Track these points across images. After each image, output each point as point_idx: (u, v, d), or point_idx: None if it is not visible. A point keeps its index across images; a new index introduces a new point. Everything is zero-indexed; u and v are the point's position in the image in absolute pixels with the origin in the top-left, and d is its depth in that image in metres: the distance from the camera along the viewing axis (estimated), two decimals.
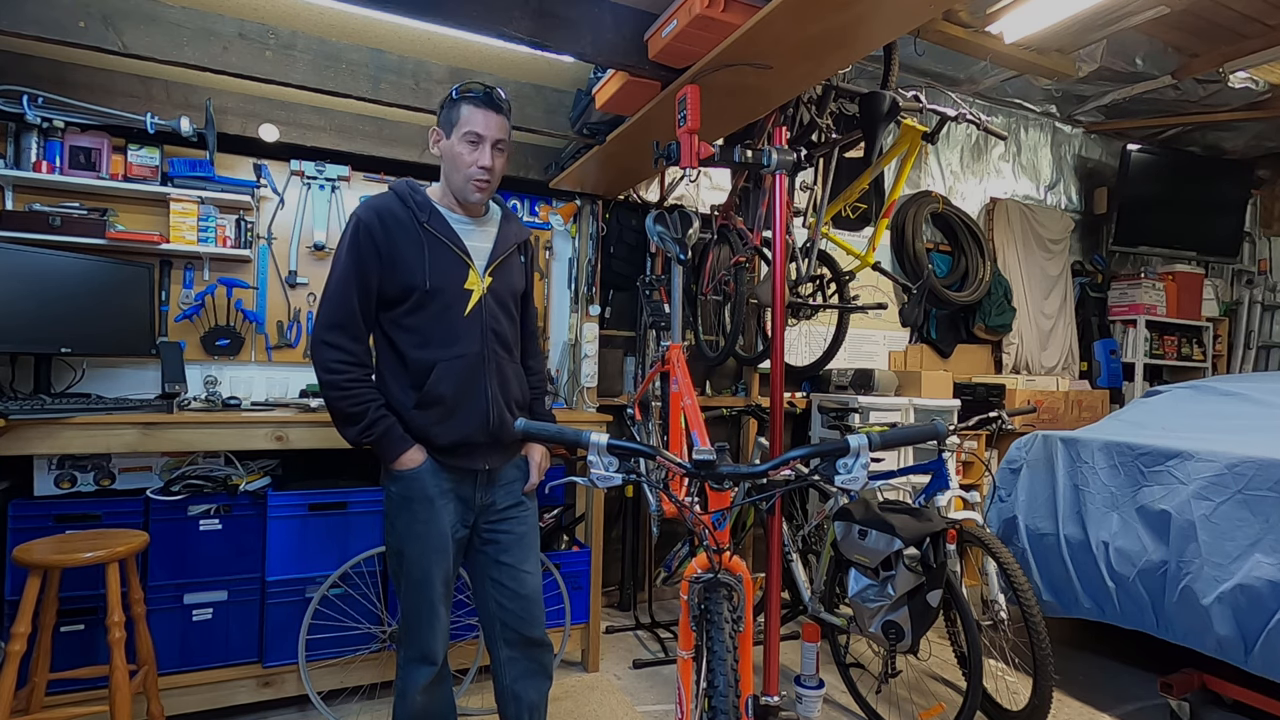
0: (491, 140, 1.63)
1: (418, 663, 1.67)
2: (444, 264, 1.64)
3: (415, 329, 1.63)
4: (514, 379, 1.76)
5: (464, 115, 1.62)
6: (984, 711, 2.35)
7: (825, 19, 1.69)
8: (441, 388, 1.62)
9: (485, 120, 1.62)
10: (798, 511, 3.13)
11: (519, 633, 1.75)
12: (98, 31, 2.22)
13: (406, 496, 1.65)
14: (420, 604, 1.66)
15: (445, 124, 1.66)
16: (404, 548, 1.66)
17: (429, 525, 1.64)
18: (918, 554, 2.06)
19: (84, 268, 2.36)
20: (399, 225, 1.62)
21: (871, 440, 1.18)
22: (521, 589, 1.75)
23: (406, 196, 1.66)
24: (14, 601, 1.88)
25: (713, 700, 1.16)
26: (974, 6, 3.23)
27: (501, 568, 1.74)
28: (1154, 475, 2.37)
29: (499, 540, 1.75)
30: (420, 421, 1.63)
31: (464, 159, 1.63)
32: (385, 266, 1.62)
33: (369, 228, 1.61)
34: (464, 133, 1.62)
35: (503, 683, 1.78)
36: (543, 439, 1.21)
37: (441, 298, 1.63)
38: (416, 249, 1.62)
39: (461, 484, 1.69)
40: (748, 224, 2.94)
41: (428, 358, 1.62)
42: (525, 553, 1.77)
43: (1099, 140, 5.01)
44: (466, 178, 1.64)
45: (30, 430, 1.98)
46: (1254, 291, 5.30)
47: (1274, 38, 3.46)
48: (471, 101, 1.62)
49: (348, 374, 1.60)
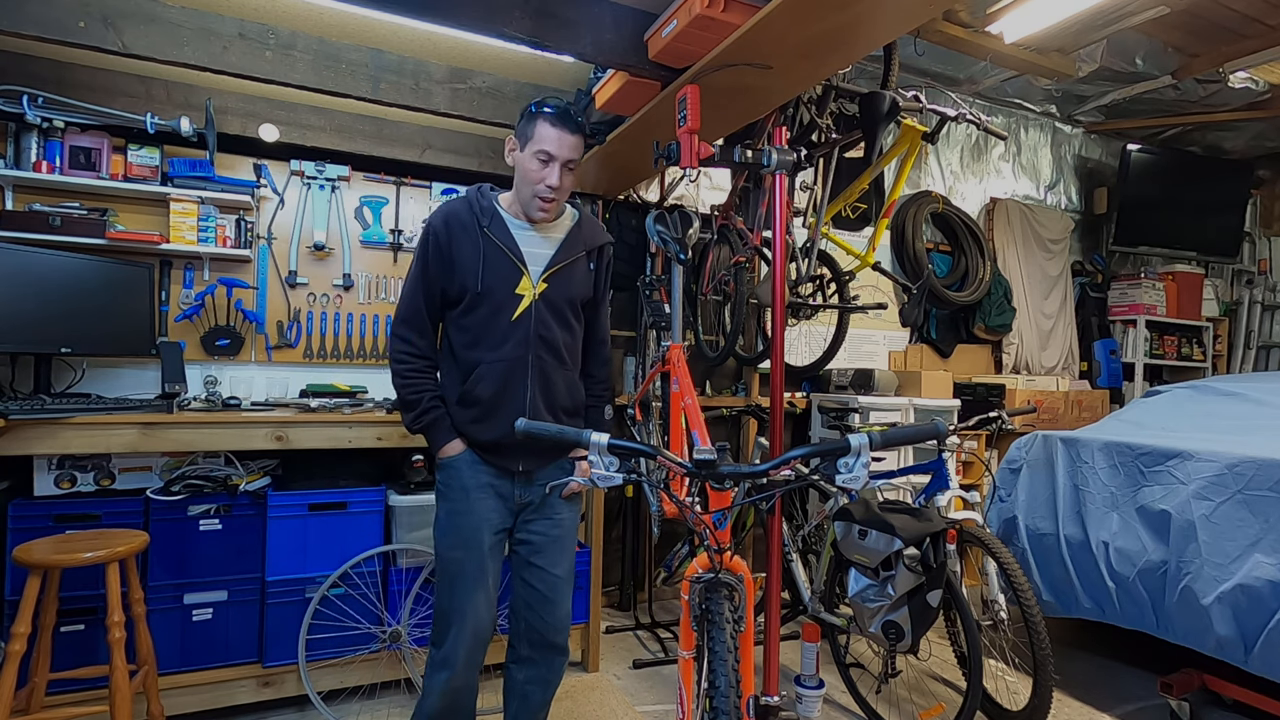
0: (563, 160, 1.65)
1: (439, 666, 1.68)
2: (497, 267, 1.67)
3: (468, 329, 1.69)
4: (563, 386, 1.75)
5: (538, 132, 1.63)
6: (984, 711, 2.35)
7: (825, 19, 1.69)
8: (480, 388, 1.67)
9: (559, 140, 1.63)
10: (798, 511, 3.13)
11: (542, 635, 1.77)
12: (98, 31, 2.22)
13: (448, 484, 1.71)
14: (448, 604, 1.68)
15: (521, 136, 1.68)
16: (440, 539, 1.71)
17: (463, 518, 1.68)
18: (918, 554, 2.06)
19: (84, 268, 2.36)
20: (462, 229, 1.68)
21: (872, 440, 1.18)
22: (550, 593, 1.76)
23: (474, 201, 1.71)
24: (14, 601, 1.89)
25: (714, 700, 1.16)
26: (974, 6, 3.23)
27: (533, 569, 1.76)
28: (1154, 475, 2.37)
29: (532, 541, 1.76)
30: (460, 417, 1.70)
31: (533, 175, 1.65)
32: (446, 268, 1.68)
33: (435, 232, 1.69)
34: (536, 150, 1.63)
35: (515, 679, 1.80)
36: (543, 438, 1.21)
37: (492, 300, 1.67)
38: (474, 252, 1.67)
39: (500, 480, 1.72)
40: (748, 224, 2.94)
41: (474, 358, 1.68)
42: (558, 556, 1.78)
43: (1099, 140, 5.01)
44: (533, 194, 1.67)
45: (30, 430, 1.98)
46: (1254, 291, 5.31)
47: (1274, 38, 3.46)
48: (548, 119, 1.63)
49: (409, 364, 1.70)
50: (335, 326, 2.95)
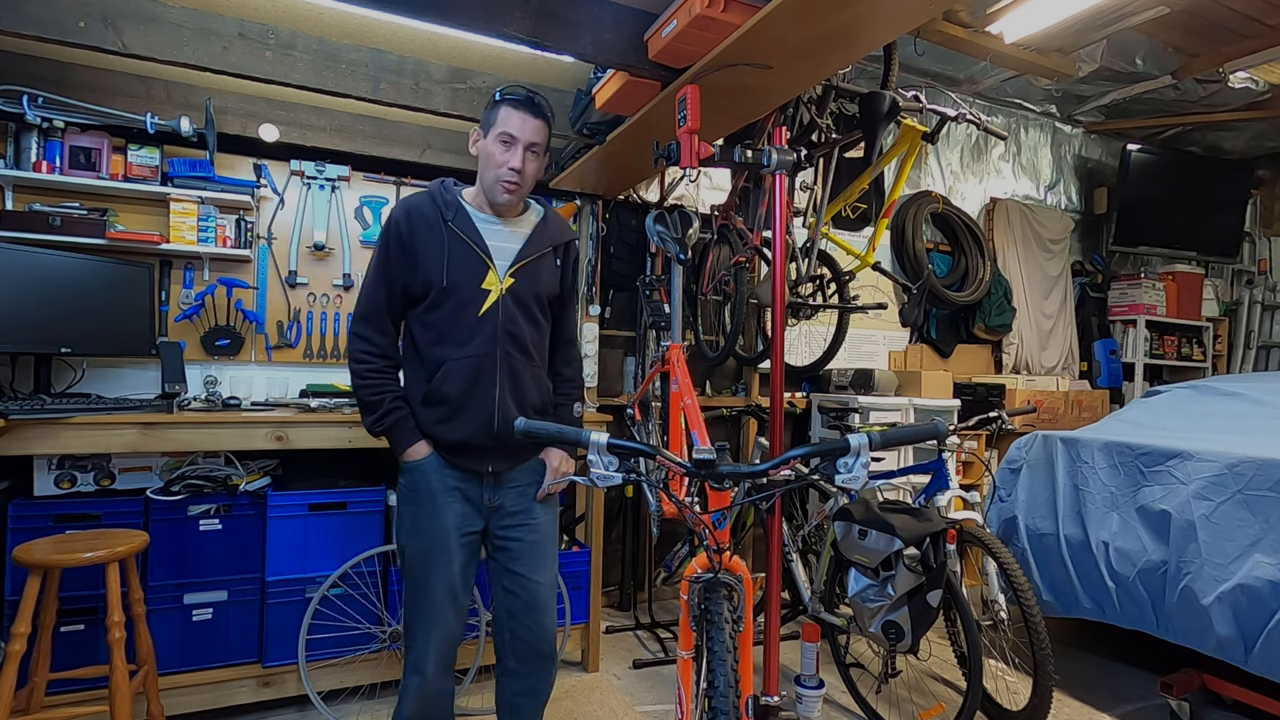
0: (525, 143, 1.62)
1: (411, 670, 1.66)
2: (462, 262, 1.64)
3: (433, 325, 1.65)
4: (531, 383, 1.72)
5: (501, 116, 1.62)
6: (984, 711, 2.35)
7: (825, 19, 1.69)
8: (447, 386, 1.63)
9: (521, 122, 1.62)
10: (798, 511, 3.13)
11: (528, 644, 1.73)
12: (98, 31, 2.22)
13: (412, 489, 1.66)
14: (417, 610, 1.65)
15: (485, 124, 1.67)
16: (406, 544, 1.67)
17: (430, 521, 1.64)
18: (918, 554, 2.05)
19: (84, 268, 2.36)
20: (425, 223, 1.65)
21: (872, 440, 1.18)
22: (532, 601, 1.72)
23: (437, 195, 1.68)
24: (14, 601, 1.89)
25: (713, 700, 1.16)
26: (974, 6, 3.23)
27: (513, 577, 1.72)
28: (1154, 475, 2.37)
29: (509, 548, 1.72)
30: (425, 417, 1.65)
31: (495, 158, 1.63)
32: (409, 263, 1.64)
33: (398, 225, 1.65)
34: (499, 133, 1.62)
35: (505, 693, 1.77)
36: (543, 438, 1.21)
37: (457, 296, 1.63)
38: (438, 246, 1.63)
39: (468, 483, 1.68)
40: (748, 224, 2.94)
41: (440, 355, 1.64)
42: (537, 562, 1.74)
43: (1099, 140, 5.01)
44: (496, 178, 1.64)
45: (30, 430, 1.98)
46: (1254, 291, 5.30)
47: (1274, 38, 3.46)
48: (510, 104, 1.63)
49: (369, 364, 1.65)
50: (335, 326, 2.95)
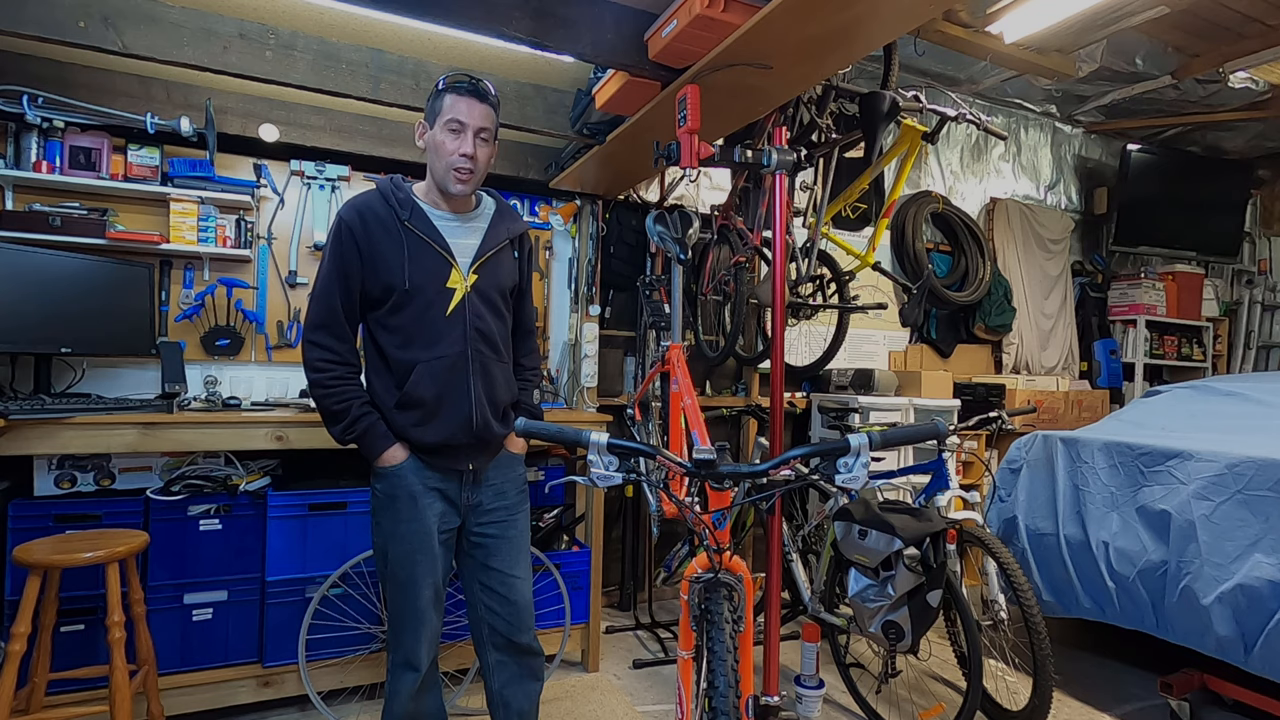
0: (474, 129, 1.59)
1: (403, 668, 1.66)
2: (424, 262, 1.61)
3: (397, 329, 1.61)
4: (502, 379, 1.72)
5: (447, 104, 1.58)
6: (984, 711, 2.35)
7: (825, 19, 1.69)
8: (421, 389, 1.60)
9: (469, 109, 1.58)
10: (798, 511, 3.13)
11: (507, 638, 1.74)
12: (98, 31, 2.22)
13: (391, 494, 1.64)
14: (405, 608, 1.65)
15: (430, 115, 1.63)
16: (388, 547, 1.65)
17: (412, 524, 1.63)
18: (918, 554, 2.06)
19: (84, 268, 2.36)
20: (380, 224, 1.60)
21: (872, 440, 1.18)
22: (510, 595, 1.73)
23: (389, 194, 1.63)
24: (14, 601, 1.88)
25: (713, 700, 1.15)
26: (974, 6, 3.23)
27: (490, 573, 1.72)
28: (1154, 475, 2.37)
29: (486, 544, 1.73)
30: (400, 422, 1.63)
31: (445, 147, 1.59)
32: (366, 266, 1.60)
33: (350, 227, 1.59)
34: (446, 120, 1.58)
35: (492, 688, 1.78)
36: (543, 439, 1.21)
37: (422, 297, 1.60)
38: (396, 248, 1.59)
39: (446, 482, 1.68)
40: (748, 224, 2.94)
41: (409, 358, 1.61)
42: (514, 557, 1.74)
43: (1099, 140, 5.01)
44: (448, 166, 1.59)
45: (30, 430, 1.98)
46: (1254, 291, 5.30)
47: (1274, 38, 3.46)
48: (455, 91, 1.59)
49: (330, 372, 1.60)
50: None
